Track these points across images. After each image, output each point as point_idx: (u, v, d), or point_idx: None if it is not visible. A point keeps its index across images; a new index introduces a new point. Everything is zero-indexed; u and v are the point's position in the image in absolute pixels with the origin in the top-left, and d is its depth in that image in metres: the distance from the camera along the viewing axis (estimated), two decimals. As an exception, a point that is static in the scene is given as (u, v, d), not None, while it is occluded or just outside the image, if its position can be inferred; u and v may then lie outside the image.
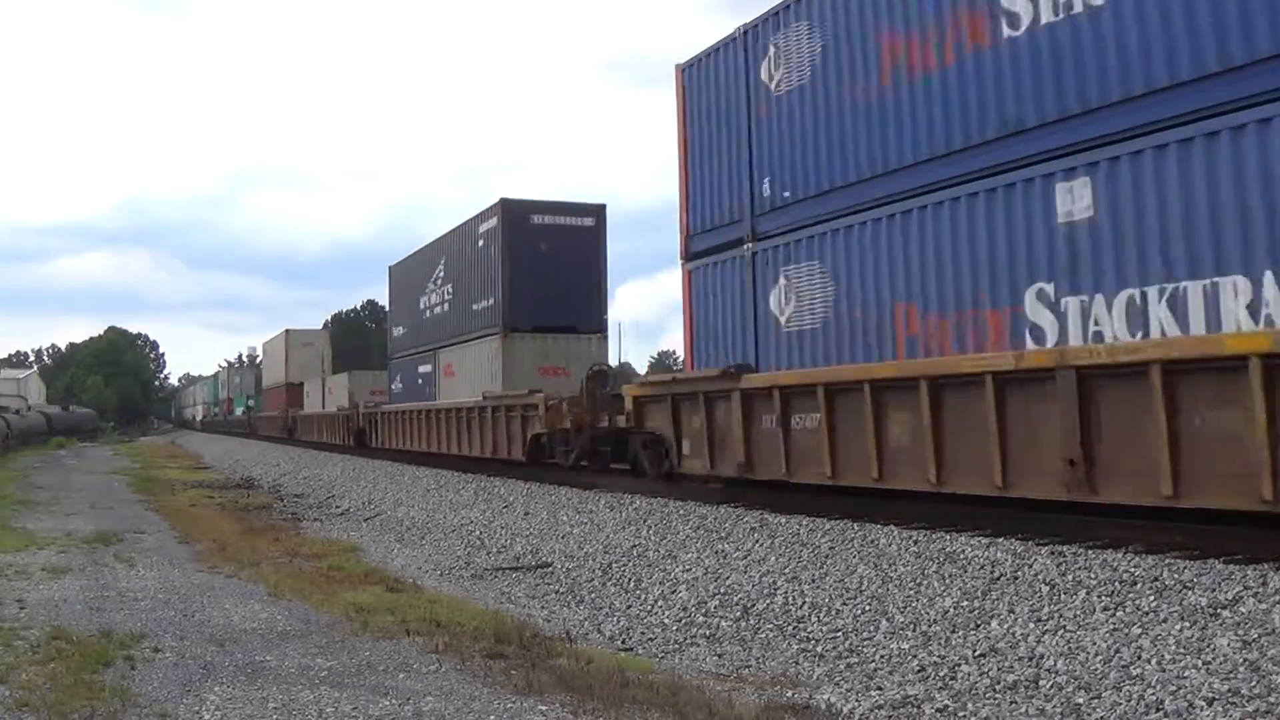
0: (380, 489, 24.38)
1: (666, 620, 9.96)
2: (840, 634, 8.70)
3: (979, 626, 8.16)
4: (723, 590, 10.55)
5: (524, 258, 23.59)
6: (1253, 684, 6.18)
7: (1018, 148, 10.17)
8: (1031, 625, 7.92)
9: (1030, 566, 9.18)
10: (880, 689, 7.20)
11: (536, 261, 23.50)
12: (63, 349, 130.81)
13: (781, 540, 11.98)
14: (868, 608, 9.17)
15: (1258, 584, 7.67)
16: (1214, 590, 7.72)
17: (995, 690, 6.93)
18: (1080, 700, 6.50)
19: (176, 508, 20.58)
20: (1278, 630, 6.84)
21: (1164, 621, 7.39)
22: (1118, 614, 7.72)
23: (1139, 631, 7.31)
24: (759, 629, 9.27)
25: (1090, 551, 9.28)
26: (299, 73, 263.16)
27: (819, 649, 8.46)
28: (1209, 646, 6.82)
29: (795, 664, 8.16)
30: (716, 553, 12.09)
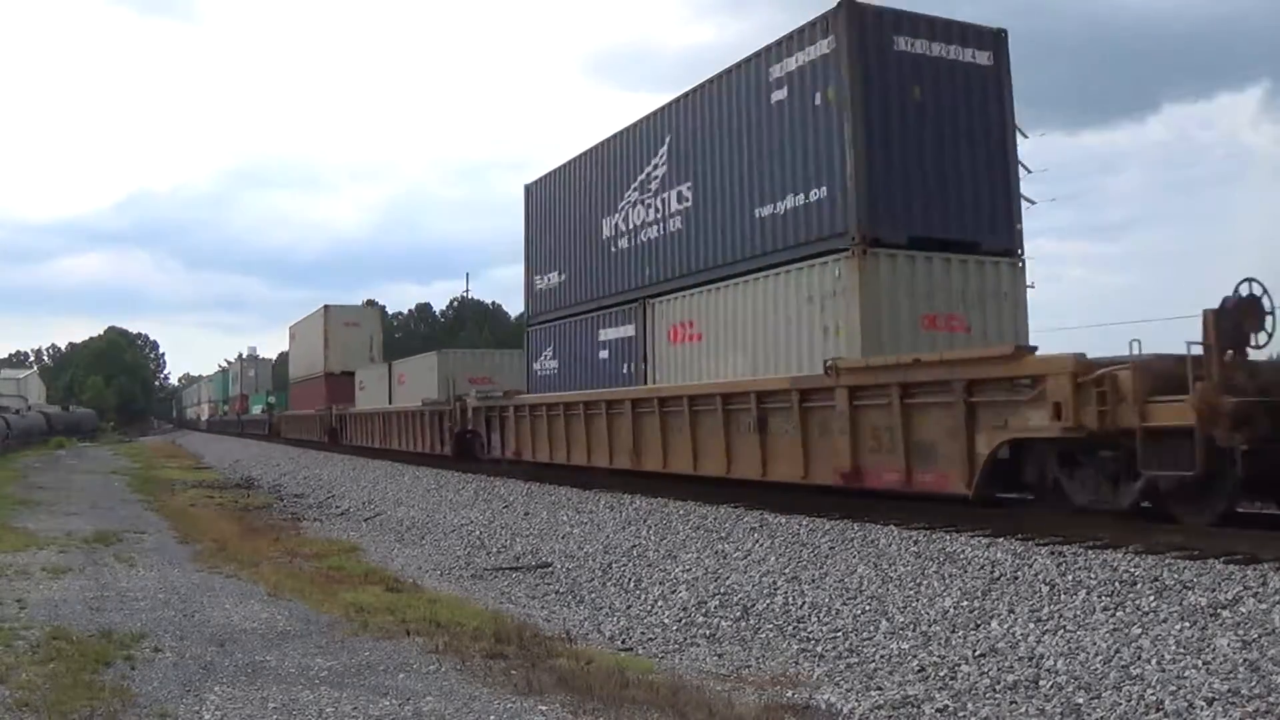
0: (380, 489, 24.40)
1: (666, 620, 9.97)
2: (840, 634, 8.70)
3: (979, 626, 8.17)
4: (723, 590, 10.55)
5: (887, 111, 13.35)
6: (1253, 684, 6.18)
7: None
8: (1031, 625, 7.92)
9: (1030, 566, 9.18)
10: (880, 689, 7.21)
11: (906, 119, 13.46)
12: (63, 349, 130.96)
13: (781, 540, 11.98)
14: (868, 608, 9.17)
15: (1258, 584, 7.67)
16: (1214, 590, 7.72)
17: (995, 690, 6.93)
18: (1080, 700, 6.51)
19: (176, 508, 20.59)
20: (1278, 630, 6.85)
21: (1164, 621, 7.40)
22: (1118, 614, 7.72)
23: (1139, 631, 7.31)
24: (759, 629, 9.27)
25: (1090, 551, 9.28)
26: (299, 72, 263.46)
27: (819, 649, 8.47)
28: (1209, 646, 6.82)
29: (795, 664, 8.16)
30: (716, 553, 12.10)
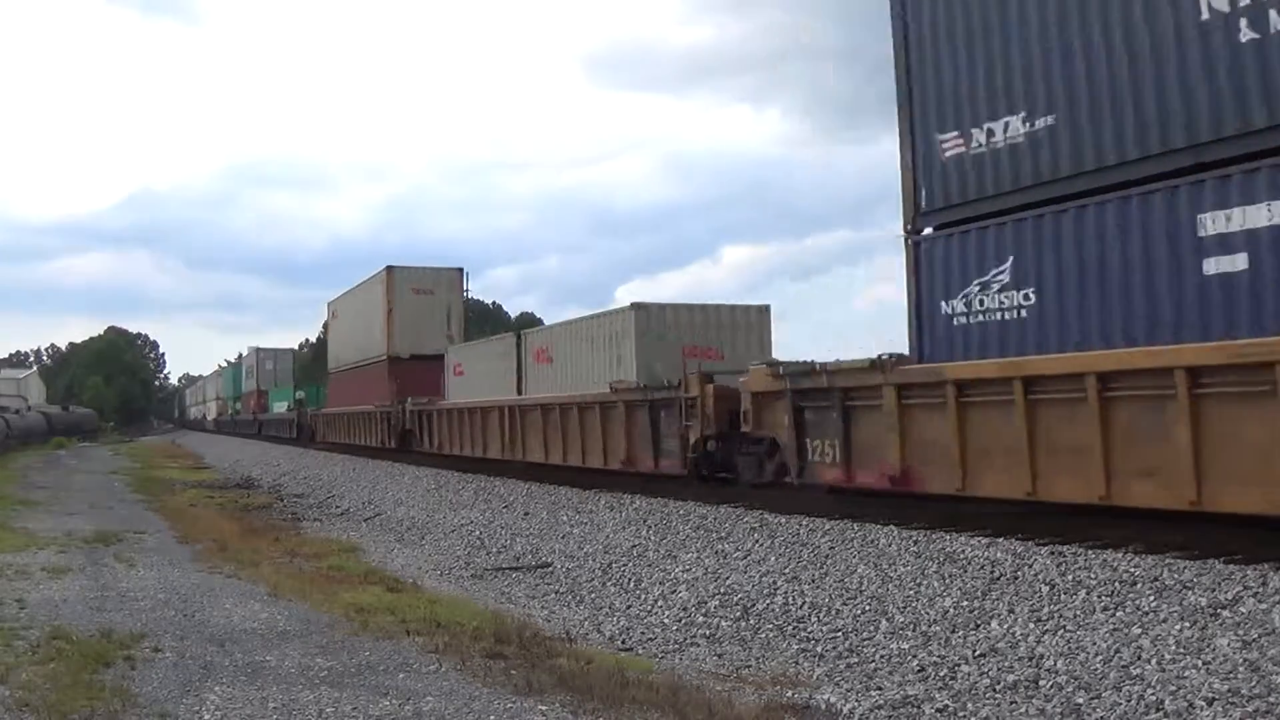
0: (380, 489, 24.38)
1: (666, 620, 9.96)
2: (840, 634, 8.70)
3: (979, 626, 8.17)
4: (723, 590, 10.55)
5: None
6: (1253, 684, 6.18)
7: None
8: (1031, 625, 7.92)
9: (1030, 566, 9.18)
10: (880, 689, 7.20)
11: None
12: (63, 349, 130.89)
13: (781, 540, 11.98)
14: (868, 608, 9.17)
15: (1258, 584, 7.67)
16: (1214, 590, 7.72)
17: (995, 690, 6.93)
18: (1080, 700, 6.51)
19: (176, 508, 20.58)
20: (1278, 630, 6.84)
21: (1164, 621, 7.39)
22: (1118, 614, 7.72)
23: (1139, 631, 7.31)
24: (759, 629, 9.27)
25: (1090, 551, 9.28)
26: (300, 72, 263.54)
27: (819, 649, 8.47)
28: (1209, 646, 6.82)
29: (795, 664, 8.16)
30: (716, 553, 12.10)
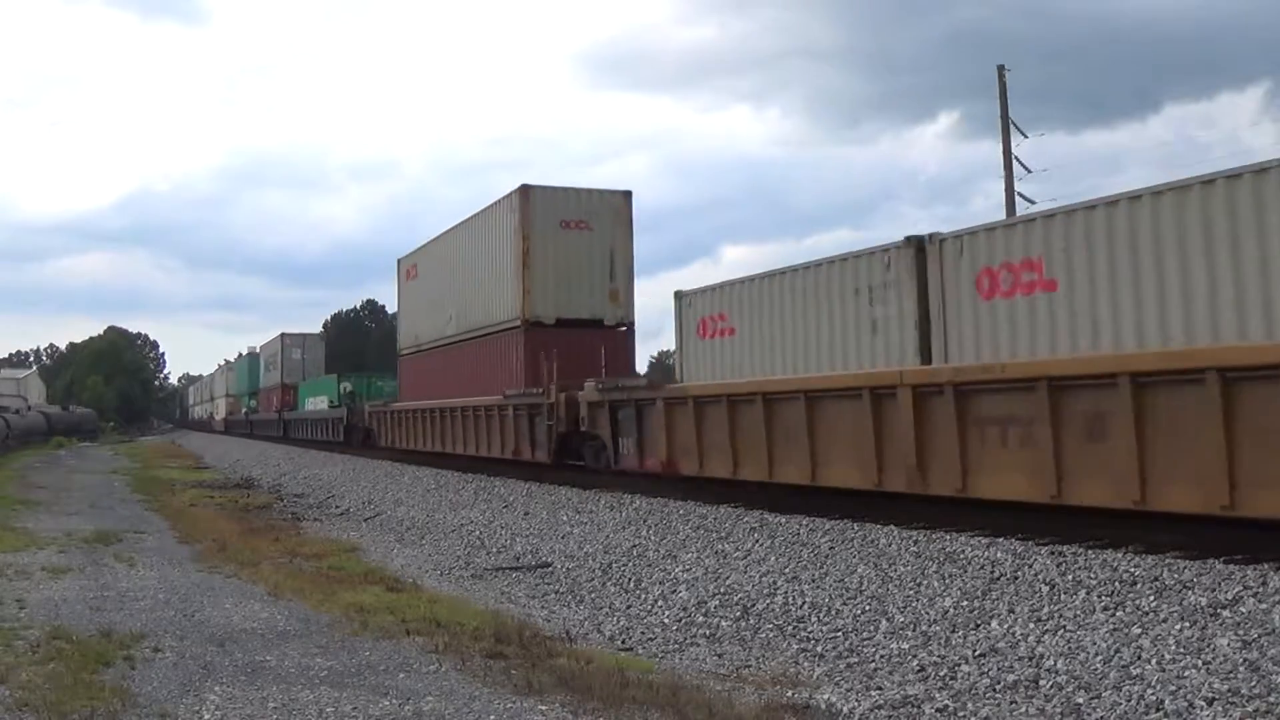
0: (380, 489, 24.37)
1: (666, 620, 9.96)
2: (840, 634, 8.70)
3: (979, 626, 8.17)
4: (723, 590, 10.55)
5: None
6: (1253, 684, 6.18)
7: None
8: (1031, 625, 7.92)
9: (1030, 566, 9.18)
10: (880, 689, 7.20)
11: None
12: (63, 349, 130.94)
13: (781, 540, 11.98)
14: (868, 608, 9.17)
15: (1258, 584, 7.68)
16: (1214, 590, 7.73)
17: (995, 690, 6.93)
18: (1080, 700, 6.50)
19: (176, 508, 20.58)
20: (1278, 630, 6.85)
21: (1164, 621, 7.40)
22: (1118, 614, 7.72)
23: (1139, 631, 7.31)
24: (759, 629, 9.27)
25: (1090, 551, 9.29)
26: (300, 72, 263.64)
27: (819, 649, 8.46)
28: (1209, 646, 6.82)
29: (795, 664, 8.15)
30: (716, 553, 12.10)
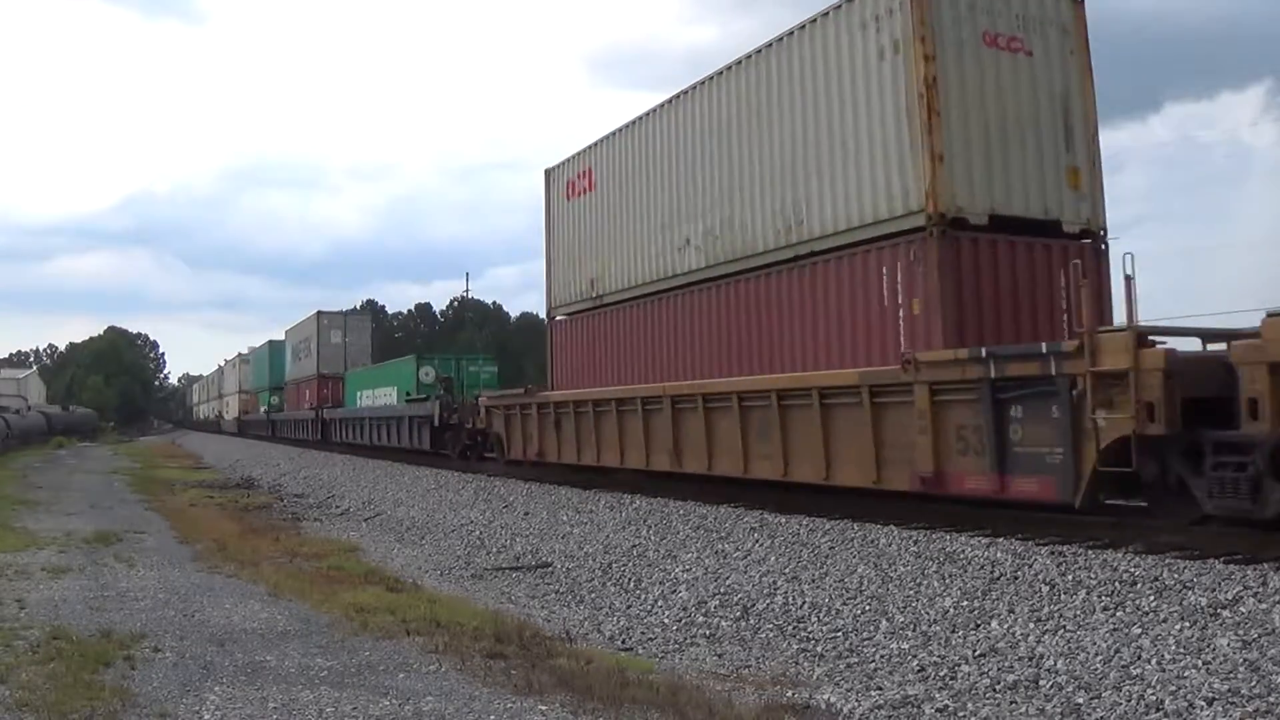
0: (380, 489, 24.37)
1: (666, 620, 9.96)
2: (840, 634, 8.70)
3: (979, 626, 8.17)
4: (723, 590, 10.55)
5: None
6: (1253, 684, 6.18)
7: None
8: (1031, 625, 7.92)
9: (1030, 566, 9.18)
10: (880, 689, 7.20)
11: None
12: (63, 349, 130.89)
13: (781, 540, 11.98)
14: (868, 608, 9.17)
15: (1258, 584, 7.68)
16: (1214, 590, 7.72)
17: (995, 690, 6.93)
18: (1080, 700, 6.50)
19: (176, 508, 20.57)
20: (1278, 630, 6.85)
21: (1164, 621, 7.40)
22: (1118, 614, 7.72)
23: (1139, 631, 7.31)
24: (759, 629, 9.27)
25: (1090, 551, 9.29)
26: (300, 73, 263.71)
27: (819, 649, 8.46)
28: (1209, 646, 6.82)
29: (795, 664, 8.15)
30: (716, 553, 12.10)
